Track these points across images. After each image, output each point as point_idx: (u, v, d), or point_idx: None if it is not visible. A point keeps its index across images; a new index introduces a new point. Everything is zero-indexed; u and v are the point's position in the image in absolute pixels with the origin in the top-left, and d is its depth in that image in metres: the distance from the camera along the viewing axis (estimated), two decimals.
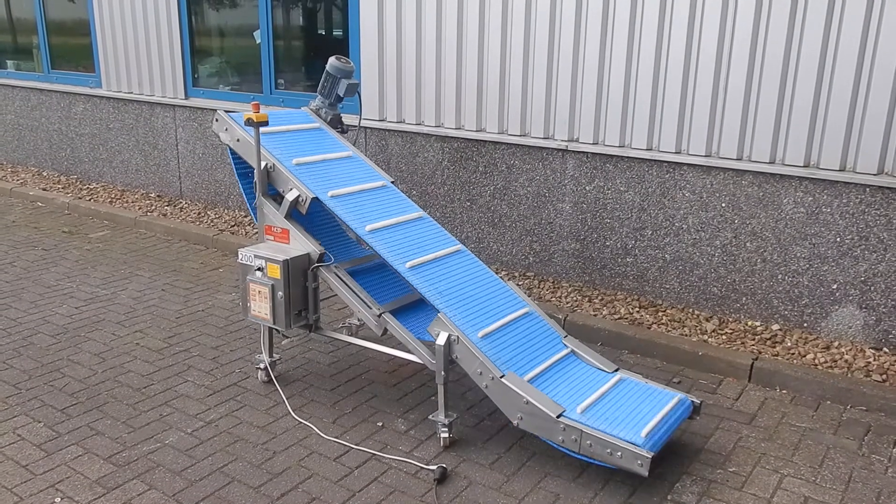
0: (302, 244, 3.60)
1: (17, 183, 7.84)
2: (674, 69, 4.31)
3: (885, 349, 4.06)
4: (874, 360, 3.97)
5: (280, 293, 3.52)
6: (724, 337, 4.25)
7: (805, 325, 4.26)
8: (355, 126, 5.13)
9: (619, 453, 2.87)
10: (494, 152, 5.07)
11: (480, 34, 4.90)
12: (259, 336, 4.32)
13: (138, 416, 3.54)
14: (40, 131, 8.11)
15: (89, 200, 7.14)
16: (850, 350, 4.08)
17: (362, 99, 5.46)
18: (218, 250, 6.01)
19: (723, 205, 4.35)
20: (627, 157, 4.59)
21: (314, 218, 4.04)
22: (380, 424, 3.50)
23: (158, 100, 6.84)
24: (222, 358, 4.16)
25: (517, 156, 4.99)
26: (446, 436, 3.30)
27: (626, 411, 3.10)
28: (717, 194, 4.35)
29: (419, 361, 3.37)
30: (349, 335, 3.81)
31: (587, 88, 4.61)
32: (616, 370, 3.42)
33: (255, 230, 6.17)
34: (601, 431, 2.92)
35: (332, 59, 4.14)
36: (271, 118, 3.91)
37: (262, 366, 3.86)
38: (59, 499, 2.94)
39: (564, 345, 3.48)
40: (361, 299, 3.52)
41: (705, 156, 4.33)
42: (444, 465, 3.12)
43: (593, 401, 3.13)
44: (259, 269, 3.56)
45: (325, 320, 4.68)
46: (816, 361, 3.96)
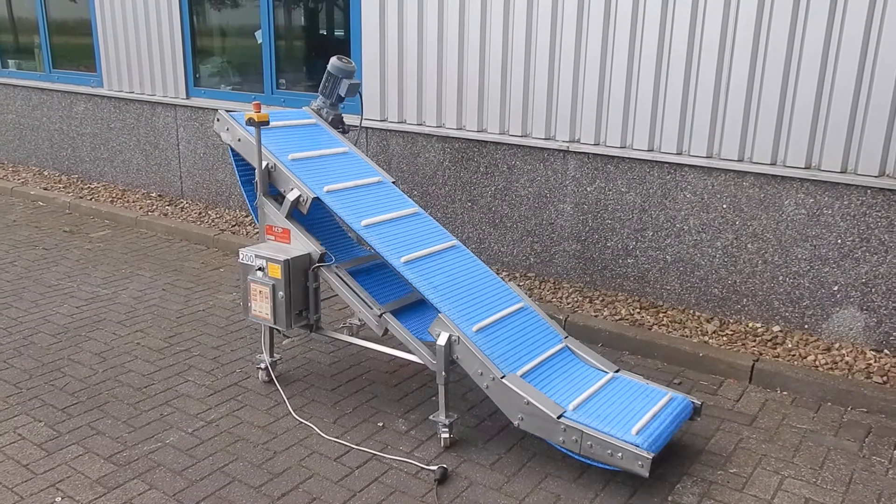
0: (303, 244, 3.60)
1: (18, 182, 7.84)
2: (675, 70, 4.31)
3: (885, 351, 4.06)
4: (875, 361, 3.97)
5: (281, 293, 3.52)
6: (724, 338, 4.25)
7: (806, 326, 4.26)
8: (356, 126, 5.13)
9: (620, 454, 2.87)
10: (496, 153, 5.07)
11: (482, 34, 4.91)
12: (260, 336, 4.32)
13: (139, 416, 3.54)
14: (41, 131, 8.11)
15: (90, 200, 7.14)
16: (851, 352, 4.08)
17: (363, 99, 5.46)
18: (219, 250, 6.01)
19: (724, 206, 4.35)
20: (629, 158, 4.59)
21: (315, 218, 4.04)
22: (380, 425, 3.50)
23: (160, 99, 6.84)
24: (223, 358, 4.16)
25: (518, 156, 4.99)
26: (447, 436, 3.30)
27: (617, 409, 3.11)
28: (719, 195, 4.35)
29: (420, 362, 3.37)
30: (350, 335, 3.81)
31: (588, 89, 4.62)
32: (617, 371, 3.42)
33: (256, 230, 6.17)
34: (601, 432, 2.92)
35: (333, 59, 4.14)
36: (270, 117, 3.91)
37: (262, 366, 3.86)
38: (60, 498, 2.94)
39: (559, 339, 3.48)
40: (362, 299, 3.52)
41: (706, 157, 4.33)
42: (444, 466, 3.12)
43: (586, 398, 3.13)
44: (260, 269, 3.56)
45: (326, 320, 4.68)
46: (817, 363, 3.96)
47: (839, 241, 4.06)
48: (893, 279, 3.96)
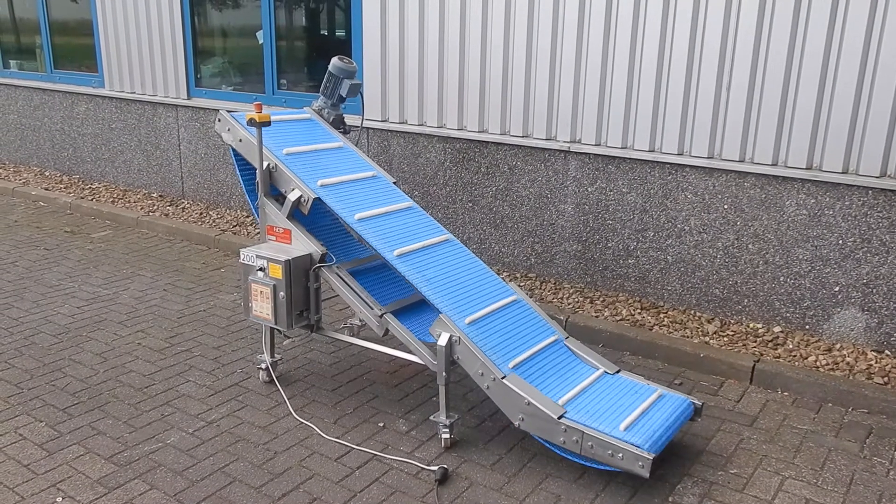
0: (304, 244, 3.60)
1: (19, 182, 7.85)
2: (676, 70, 4.31)
3: (886, 352, 4.06)
4: (876, 362, 3.96)
5: (282, 293, 3.52)
6: (725, 339, 4.25)
7: (807, 327, 4.26)
8: (357, 126, 5.13)
9: (621, 454, 2.87)
10: (497, 153, 5.07)
11: (483, 35, 4.91)
12: (261, 336, 4.32)
13: (140, 416, 3.54)
14: (43, 131, 8.12)
15: (91, 200, 7.14)
16: (852, 352, 4.07)
17: (364, 99, 5.46)
18: (220, 250, 6.01)
19: (725, 206, 4.35)
20: (630, 159, 4.59)
21: (316, 218, 4.04)
22: (381, 425, 3.50)
23: (161, 100, 6.85)
24: (224, 358, 4.16)
25: (519, 157, 4.99)
26: (447, 436, 3.30)
27: (607, 405, 3.11)
28: (720, 196, 4.35)
29: (420, 362, 3.37)
30: (351, 336, 3.81)
31: (590, 90, 4.62)
32: (617, 372, 3.42)
33: (257, 230, 6.17)
34: (602, 432, 2.92)
35: (334, 60, 4.14)
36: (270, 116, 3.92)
37: (263, 366, 3.86)
38: (61, 498, 2.94)
39: (552, 332, 3.49)
40: (363, 300, 3.52)
41: (708, 157, 4.33)
42: (445, 466, 3.13)
43: (576, 393, 3.14)
44: (261, 270, 3.56)
45: (327, 321, 4.68)
46: (818, 364, 3.96)
47: (840, 241, 4.06)
48: (894, 280, 3.96)
